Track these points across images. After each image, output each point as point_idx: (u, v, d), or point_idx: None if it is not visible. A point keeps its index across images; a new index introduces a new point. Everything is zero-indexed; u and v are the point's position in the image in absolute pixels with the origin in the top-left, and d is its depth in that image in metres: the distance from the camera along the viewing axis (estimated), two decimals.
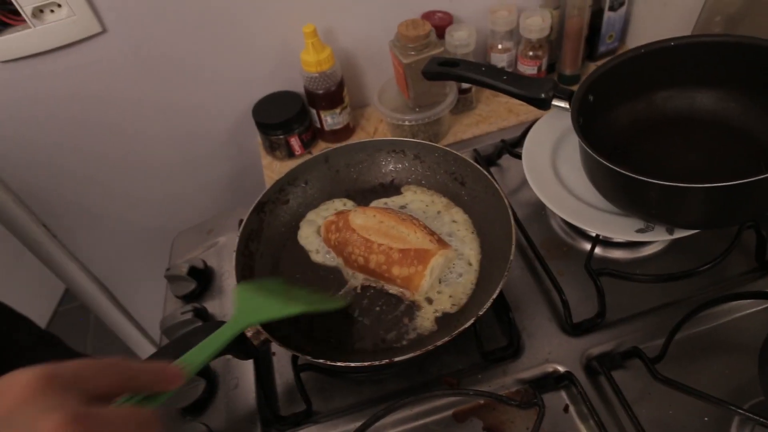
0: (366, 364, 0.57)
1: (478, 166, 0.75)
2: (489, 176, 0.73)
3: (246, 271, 0.67)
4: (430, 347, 0.56)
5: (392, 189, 0.81)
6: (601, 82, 0.71)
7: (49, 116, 0.98)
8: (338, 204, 0.80)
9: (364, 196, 0.81)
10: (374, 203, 0.79)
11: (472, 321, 0.58)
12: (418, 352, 0.56)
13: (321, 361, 0.57)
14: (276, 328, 0.60)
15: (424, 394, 0.63)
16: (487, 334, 0.68)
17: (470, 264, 0.70)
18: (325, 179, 0.81)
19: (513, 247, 0.64)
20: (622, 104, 0.76)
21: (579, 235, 0.78)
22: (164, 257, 0.91)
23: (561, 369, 0.64)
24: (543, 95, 0.72)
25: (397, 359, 0.56)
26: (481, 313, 0.58)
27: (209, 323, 0.58)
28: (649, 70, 0.73)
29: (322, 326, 0.67)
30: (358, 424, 0.62)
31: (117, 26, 0.89)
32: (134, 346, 1.48)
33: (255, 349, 0.59)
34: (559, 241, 0.78)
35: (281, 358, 0.72)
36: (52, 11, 0.84)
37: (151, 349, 1.49)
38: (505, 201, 0.69)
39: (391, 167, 0.82)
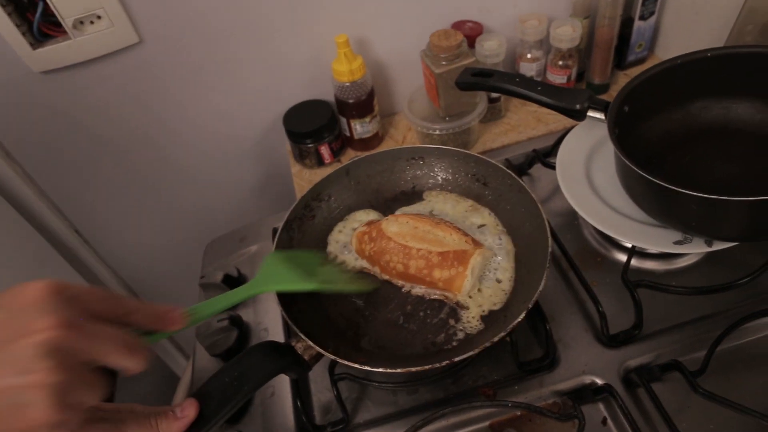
0: (427, 367, 0.56)
1: (499, 165, 0.75)
2: (511, 173, 0.73)
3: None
4: (487, 344, 0.56)
5: (414, 195, 0.82)
6: (637, 93, 0.71)
7: (86, 125, 0.99)
8: (363, 215, 0.80)
9: (387, 205, 0.82)
10: (399, 211, 0.80)
11: (524, 314, 0.58)
12: (476, 350, 0.56)
13: (380, 369, 0.57)
14: (325, 343, 0.60)
15: (463, 404, 0.63)
16: (522, 345, 0.68)
17: (506, 261, 0.70)
18: (347, 192, 0.82)
19: (549, 239, 0.64)
20: (658, 115, 0.76)
21: (613, 246, 0.77)
22: (195, 264, 0.92)
23: (599, 381, 0.64)
24: (578, 106, 0.72)
25: (457, 359, 0.56)
26: (530, 305, 0.58)
27: (265, 343, 0.59)
28: (685, 80, 0.73)
29: (369, 337, 0.67)
30: None
31: (153, 37, 0.90)
32: (162, 353, 1.49)
33: (307, 365, 0.60)
34: (592, 252, 0.78)
35: (316, 367, 0.72)
36: (92, 22, 0.85)
37: (179, 357, 1.50)
38: (531, 195, 0.70)
39: (410, 174, 0.83)
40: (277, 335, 0.76)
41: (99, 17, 0.85)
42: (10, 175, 1.00)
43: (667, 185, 0.59)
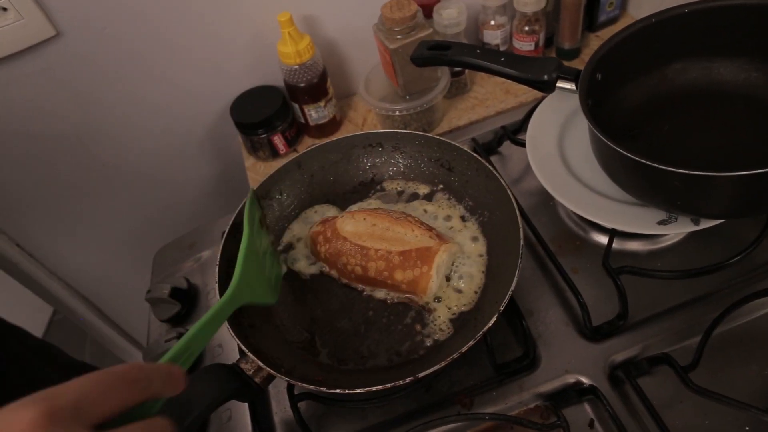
0: (389, 385, 0.50)
1: (463, 147, 0.69)
2: (477, 156, 0.67)
3: None
4: (455, 355, 0.50)
5: (374, 186, 0.75)
6: (609, 58, 0.65)
7: (9, 130, 0.90)
8: (320, 211, 0.73)
9: (345, 198, 0.75)
10: (358, 205, 0.73)
11: (494, 318, 0.52)
12: (443, 363, 0.50)
13: (338, 390, 0.51)
14: (279, 362, 0.54)
15: (436, 419, 0.57)
16: (498, 344, 0.62)
17: (476, 256, 0.64)
18: (301, 186, 0.75)
19: (521, 230, 0.59)
20: (633, 81, 0.69)
21: (592, 228, 0.71)
22: (149, 269, 0.85)
23: (583, 380, 0.59)
24: (546, 77, 0.65)
25: (421, 375, 0.50)
26: (501, 308, 0.53)
27: (210, 367, 0.53)
28: (661, 40, 0.67)
29: (329, 350, 0.61)
30: None
31: (73, 28, 0.81)
32: (129, 359, 1.43)
33: (258, 388, 0.54)
34: (570, 235, 0.72)
35: (277, 384, 0.66)
36: None
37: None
38: (501, 180, 0.64)
39: (369, 163, 0.76)
40: (233, 352, 0.69)
41: (5, 9, 0.75)
42: None
43: (646, 161, 0.52)
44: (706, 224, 0.59)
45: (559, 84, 0.66)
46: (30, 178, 0.98)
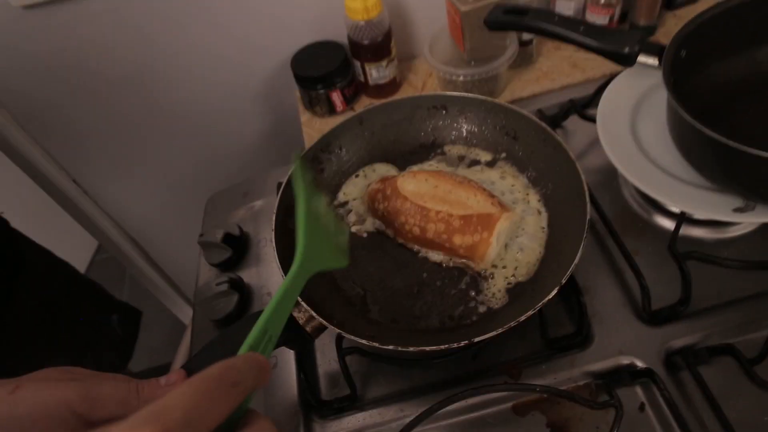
0: (443, 347, 0.50)
1: (532, 116, 0.67)
2: (546, 127, 0.65)
3: (288, 251, 0.60)
4: (512, 323, 0.50)
5: (434, 149, 0.74)
6: (697, 35, 0.62)
7: (76, 69, 0.91)
8: (379, 169, 0.73)
9: (404, 159, 0.74)
10: (418, 166, 0.72)
11: (555, 291, 0.51)
12: (500, 330, 0.49)
13: (390, 347, 0.51)
14: (330, 314, 0.54)
15: (484, 386, 0.56)
16: (551, 319, 0.61)
17: (537, 227, 0.63)
18: (361, 143, 0.74)
19: (588, 205, 0.57)
20: (719, 61, 0.66)
21: (657, 211, 0.69)
22: (199, 215, 0.86)
23: (638, 362, 0.57)
24: (628, 50, 0.62)
25: (477, 339, 0.50)
26: (564, 281, 0.52)
27: (256, 314, 0.53)
28: (753, 21, 0.63)
29: (380, 308, 0.61)
30: (407, 413, 0.57)
31: None
32: (170, 303, 1.46)
33: (309, 337, 0.54)
34: (633, 216, 0.70)
35: (323, 337, 0.66)
36: None
37: (185, 307, 1.46)
38: (569, 152, 0.62)
39: (431, 125, 0.75)
40: None
41: None
42: None
43: (737, 145, 0.50)
44: None
45: (641, 58, 0.63)
46: (92, 116, 1.00)
